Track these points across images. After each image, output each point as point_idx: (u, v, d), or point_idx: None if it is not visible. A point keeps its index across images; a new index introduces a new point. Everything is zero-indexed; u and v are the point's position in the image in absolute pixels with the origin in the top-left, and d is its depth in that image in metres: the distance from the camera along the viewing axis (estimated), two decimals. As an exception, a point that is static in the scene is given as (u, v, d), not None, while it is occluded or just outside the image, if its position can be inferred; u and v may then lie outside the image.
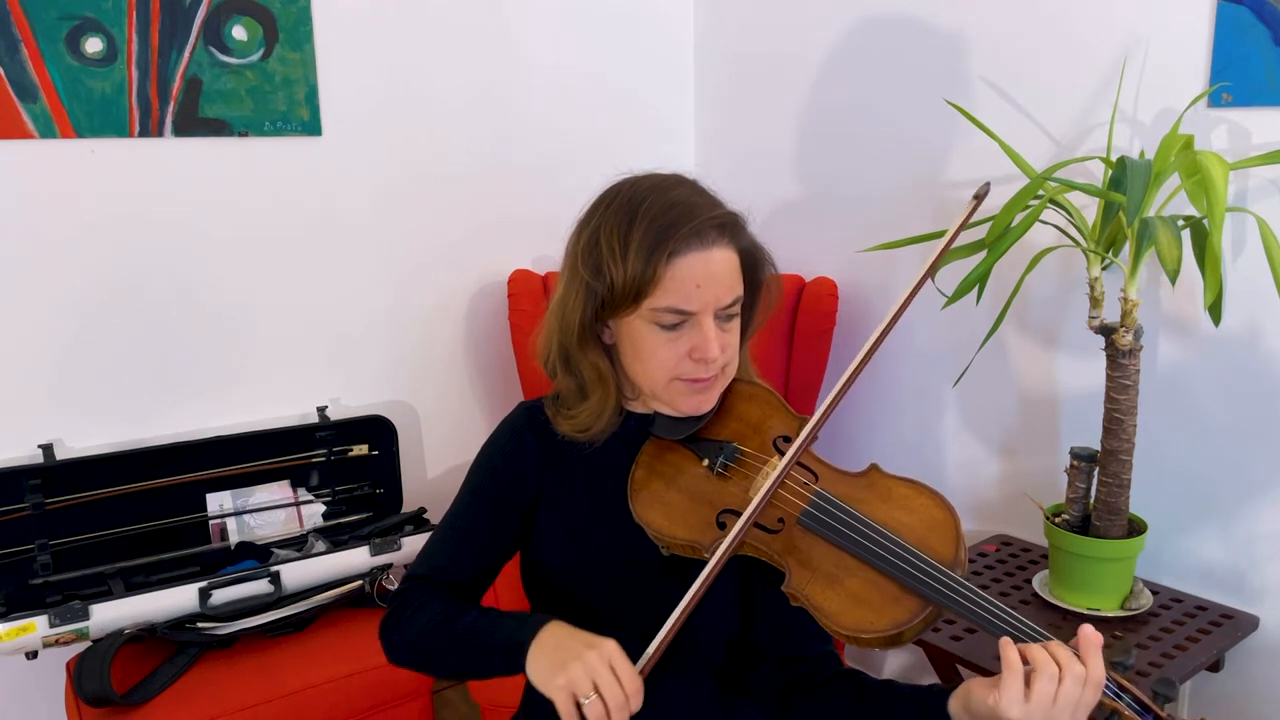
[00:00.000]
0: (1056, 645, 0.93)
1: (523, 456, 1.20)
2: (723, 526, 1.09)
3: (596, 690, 0.97)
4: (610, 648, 1.00)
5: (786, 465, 1.06)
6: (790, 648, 1.17)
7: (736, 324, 1.14)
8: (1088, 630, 0.94)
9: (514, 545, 1.23)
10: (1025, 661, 0.92)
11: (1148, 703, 0.94)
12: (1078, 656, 0.92)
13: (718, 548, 1.05)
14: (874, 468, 1.11)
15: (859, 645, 1.01)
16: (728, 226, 1.10)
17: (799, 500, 1.07)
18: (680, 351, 1.09)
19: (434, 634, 1.14)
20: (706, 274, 1.07)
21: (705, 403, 1.14)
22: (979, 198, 1.15)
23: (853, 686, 1.13)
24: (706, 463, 1.13)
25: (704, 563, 1.06)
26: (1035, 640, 0.97)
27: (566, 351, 1.15)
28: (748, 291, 1.15)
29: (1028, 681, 0.91)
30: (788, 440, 1.13)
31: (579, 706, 0.97)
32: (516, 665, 1.04)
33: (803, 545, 1.05)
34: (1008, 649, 0.93)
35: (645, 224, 1.06)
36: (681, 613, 1.03)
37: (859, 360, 1.08)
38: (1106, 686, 0.95)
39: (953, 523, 1.03)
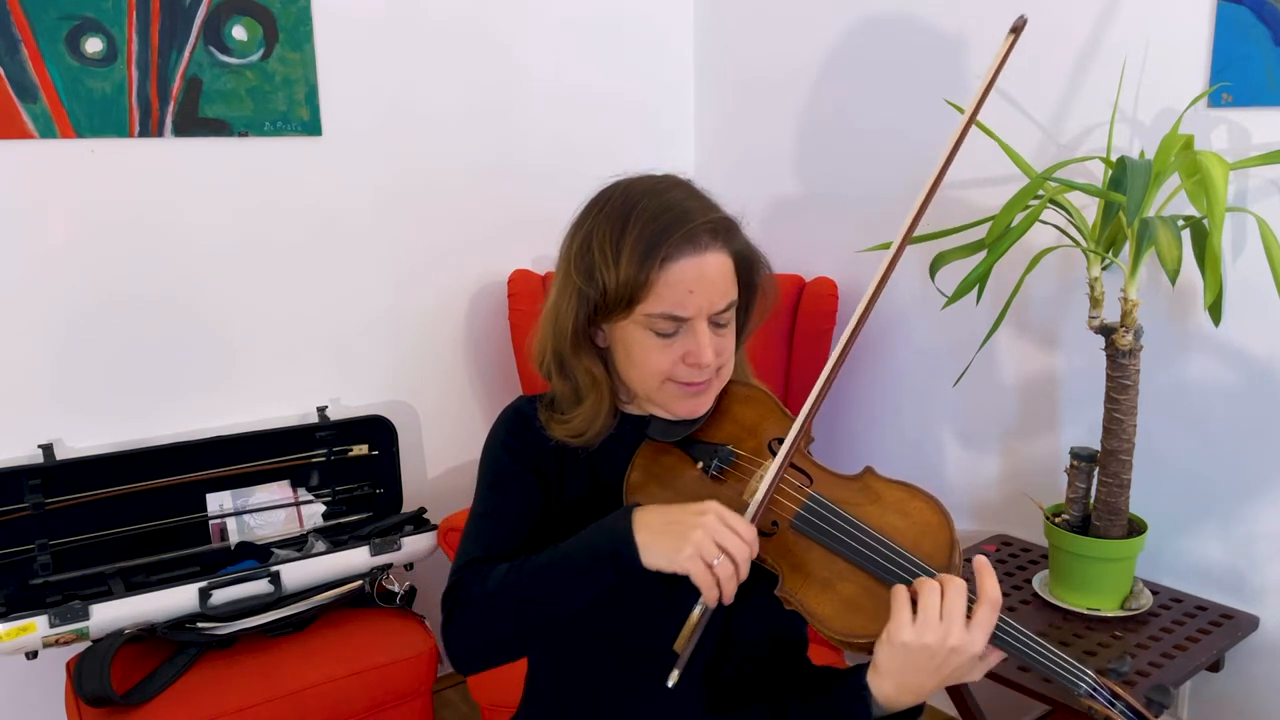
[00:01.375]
0: (944, 575, 0.98)
1: (535, 438, 1.18)
2: None
3: (722, 549, 0.98)
4: (716, 508, 1.01)
5: (779, 470, 1.05)
6: (767, 645, 1.17)
7: (731, 328, 1.13)
8: (980, 558, 0.99)
9: (544, 516, 1.19)
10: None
11: (1141, 710, 0.93)
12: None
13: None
14: (868, 471, 1.10)
15: (852, 650, 1.01)
16: (721, 230, 1.09)
17: (793, 504, 1.07)
18: (674, 356, 1.09)
19: (515, 581, 1.08)
20: (700, 279, 1.06)
21: (700, 406, 1.14)
22: (1016, 30, 1.11)
23: (800, 685, 1.14)
24: (701, 466, 1.13)
25: None
26: (1021, 641, 0.97)
27: (560, 356, 1.14)
28: (743, 294, 1.14)
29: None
30: (783, 443, 1.12)
31: (710, 568, 0.98)
32: (628, 562, 1.02)
33: (796, 549, 1.05)
34: (896, 587, 0.97)
35: (638, 229, 1.06)
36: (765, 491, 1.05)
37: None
38: (1099, 693, 0.95)
39: (947, 527, 1.03)
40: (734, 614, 1.14)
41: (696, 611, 1.01)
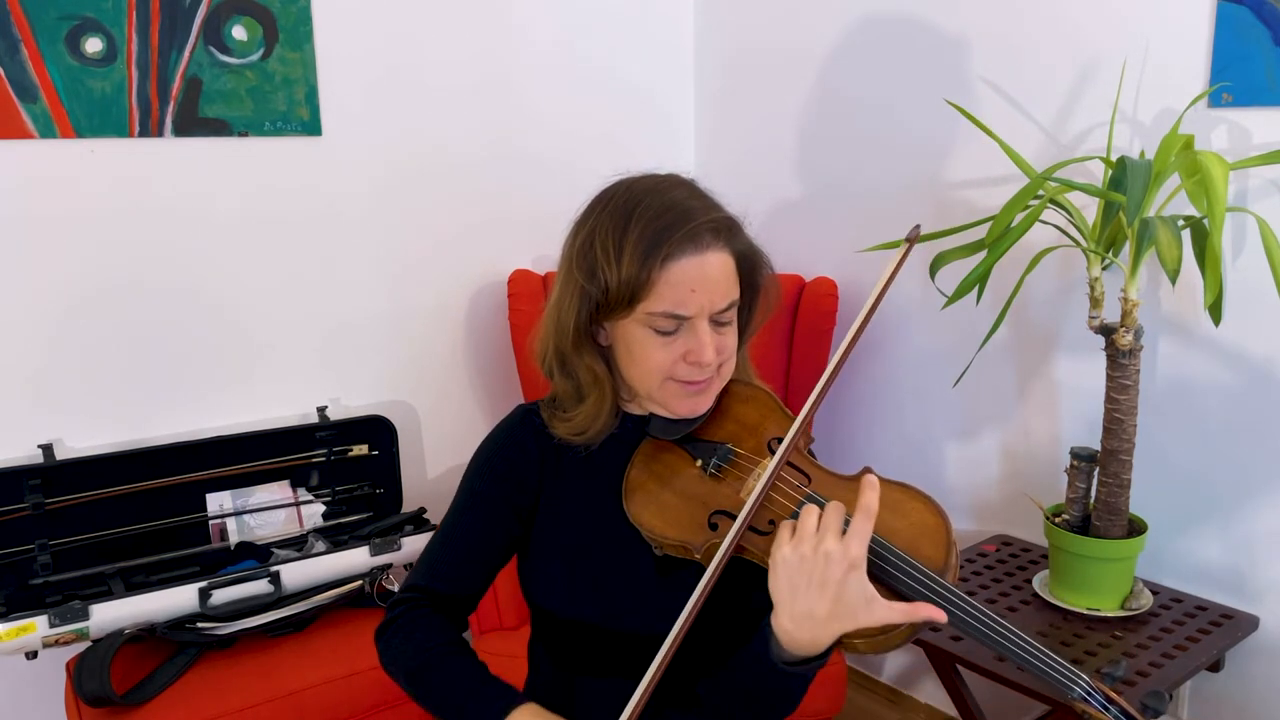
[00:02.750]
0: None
1: (521, 458, 1.20)
2: (714, 528, 1.09)
3: None
4: None
5: (774, 469, 1.05)
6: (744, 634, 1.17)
7: (733, 327, 1.13)
8: (868, 475, 1.01)
9: (513, 547, 1.23)
10: None
11: (1135, 715, 0.93)
12: None
13: (711, 554, 1.05)
14: (867, 471, 1.10)
15: (847, 650, 1.01)
16: (723, 230, 1.09)
17: (790, 503, 1.07)
18: (675, 355, 1.09)
19: (411, 678, 1.17)
20: (701, 278, 1.06)
21: (701, 405, 1.14)
22: (911, 241, 1.13)
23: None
24: (700, 464, 1.13)
25: (697, 563, 1.07)
26: (1018, 644, 0.97)
27: (562, 354, 1.15)
28: (745, 294, 1.15)
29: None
30: (782, 442, 1.12)
31: None
32: None
33: None
34: (783, 523, 1.01)
35: (640, 228, 1.06)
36: (675, 638, 1.03)
37: (820, 385, 1.08)
38: (1093, 697, 0.95)
39: (944, 528, 1.03)
40: (719, 609, 1.14)
41: None
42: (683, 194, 1.10)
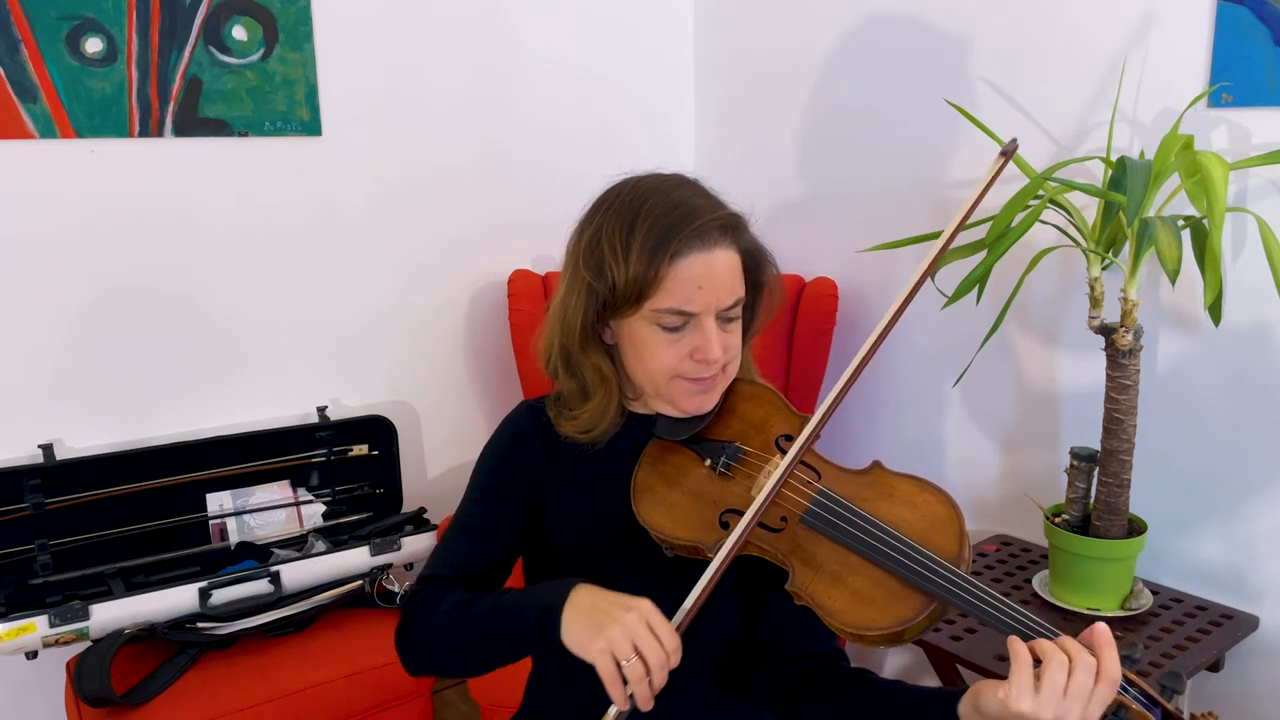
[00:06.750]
0: (1066, 639, 0.92)
1: (529, 452, 1.20)
2: (725, 526, 1.09)
3: (637, 651, 0.96)
4: (646, 607, 0.99)
5: (788, 467, 1.05)
6: (794, 646, 1.16)
7: (738, 324, 1.14)
8: (1101, 627, 0.92)
9: (524, 540, 1.22)
10: (1035, 658, 0.91)
11: (1155, 696, 0.93)
12: (1089, 650, 0.91)
13: (721, 547, 1.05)
14: (877, 465, 1.11)
15: (863, 643, 1.01)
16: (730, 227, 1.09)
17: (802, 499, 1.07)
18: (682, 352, 1.09)
19: (456, 619, 1.11)
20: (708, 275, 1.07)
21: (707, 403, 1.14)
22: (1007, 154, 1.08)
23: (861, 686, 1.12)
24: (709, 463, 1.13)
25: (707, 563, 1.07)
26: (1039, 633, 0.97)
27: (568, 352, 1.15)
28: (750, 292, 1.15)
29: (1038, 675, 0.89)
30: (790, 439, 1.12)
31: (619, 666, 0.97)
32: (550, 633, 1.02)
33: (806, 544, 1.05)
34: (1016, 643, 0.91)
35: (647, 225, 1.06)
36: (706, 585, 1.02)
37: (872, 342, 1.06)
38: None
39: (956, 519, 1.03)
40: (757, 614, 1.14)
41: (611, 715, 1.00)
42: (689, 192, 1.11)
